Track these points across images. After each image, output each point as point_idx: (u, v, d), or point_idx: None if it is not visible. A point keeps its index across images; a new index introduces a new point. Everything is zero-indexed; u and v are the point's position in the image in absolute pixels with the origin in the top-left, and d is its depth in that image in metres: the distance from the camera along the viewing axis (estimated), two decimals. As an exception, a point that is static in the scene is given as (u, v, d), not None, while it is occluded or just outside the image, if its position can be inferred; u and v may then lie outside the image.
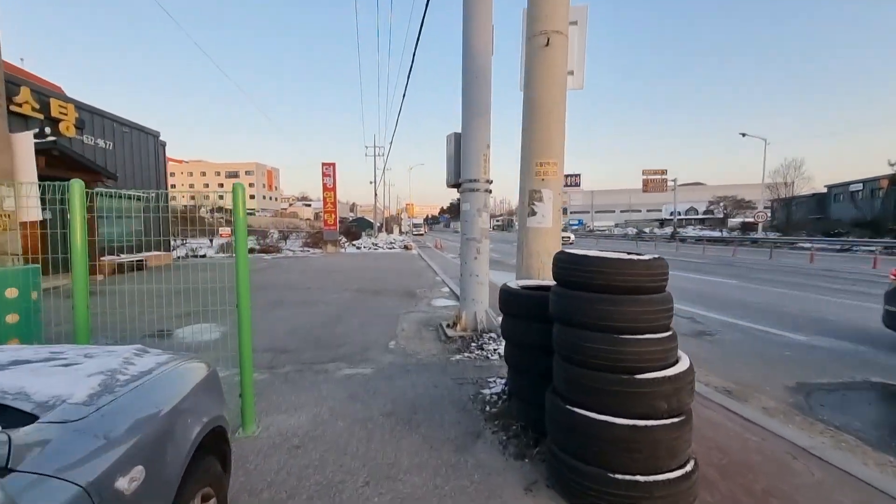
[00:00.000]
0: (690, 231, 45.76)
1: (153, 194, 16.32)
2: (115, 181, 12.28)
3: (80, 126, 11.95)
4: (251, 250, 21.96)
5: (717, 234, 35.44)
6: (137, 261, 13.04)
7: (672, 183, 38.79)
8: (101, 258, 11.97)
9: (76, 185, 2.86)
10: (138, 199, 15.13)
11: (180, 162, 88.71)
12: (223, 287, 3.89)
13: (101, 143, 12.88)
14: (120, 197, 13.46)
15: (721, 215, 55.63)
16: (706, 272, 13.82)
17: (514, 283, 3.31)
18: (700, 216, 62.67)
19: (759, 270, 14.53)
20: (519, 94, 3.94)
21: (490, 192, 5.68)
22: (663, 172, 38.53)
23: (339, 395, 3.71)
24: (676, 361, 2.22)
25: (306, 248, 26.31)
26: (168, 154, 17.74)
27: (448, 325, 5.81)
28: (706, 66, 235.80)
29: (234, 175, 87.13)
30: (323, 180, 24.58)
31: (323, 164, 24.62)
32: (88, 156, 12.29)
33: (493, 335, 5.33)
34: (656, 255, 2.32)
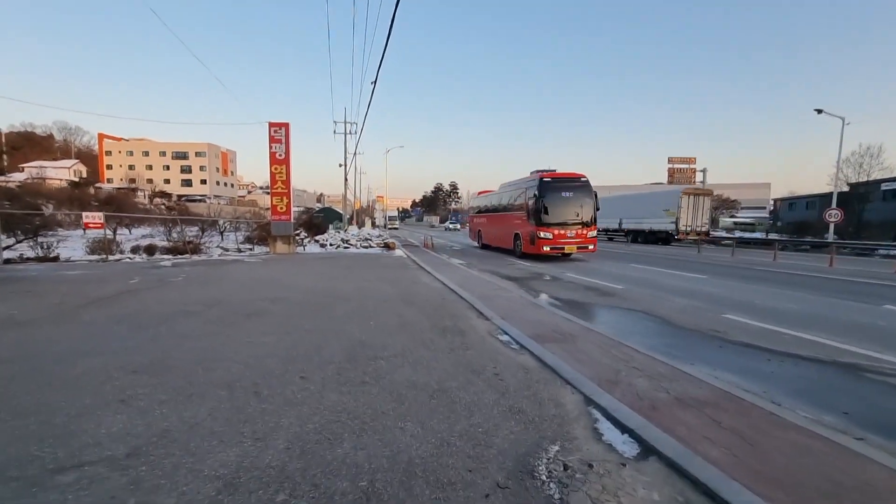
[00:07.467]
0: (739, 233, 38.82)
1: None
2: None
3: None
4: (150, 249, 14.11)
5: (759, 236, 29.91)
6: None
7: (700, 174, 33.14)
8: None
9: None
10: None
11: (118, 139, 76.95)
12: None
13: None
14: None
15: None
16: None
17: None
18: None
19: None
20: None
21: None
22: (692, 161, 32.76)
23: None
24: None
25: (249, 246, 18.63)
26: (104, 131, 9.93)
27: None
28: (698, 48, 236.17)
29: (183, 156, 76.25)
30: (271, 147, 16.77)
31: (271, 126, 16.81)
32: None
33: None
34: None
